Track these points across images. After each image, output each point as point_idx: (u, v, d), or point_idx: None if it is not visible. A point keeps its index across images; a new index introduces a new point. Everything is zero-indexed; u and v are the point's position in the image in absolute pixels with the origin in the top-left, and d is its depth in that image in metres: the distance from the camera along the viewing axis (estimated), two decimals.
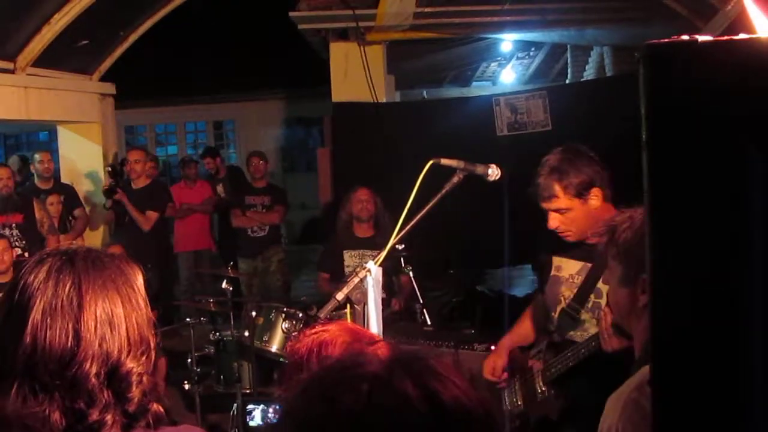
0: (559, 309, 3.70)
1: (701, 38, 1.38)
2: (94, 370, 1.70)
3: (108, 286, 1.78)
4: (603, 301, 3.36)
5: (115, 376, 1.72)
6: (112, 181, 8.68)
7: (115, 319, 1.76)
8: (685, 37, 1.38)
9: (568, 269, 3.68)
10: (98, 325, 1.73)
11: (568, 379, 3.59)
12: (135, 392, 1.74)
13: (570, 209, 3.47)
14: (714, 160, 1.36)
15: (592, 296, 3.41)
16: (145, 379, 1.77)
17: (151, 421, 1.76)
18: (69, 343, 1.70)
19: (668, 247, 1.41)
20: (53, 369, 1.68)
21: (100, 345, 1.72)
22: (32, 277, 1.74)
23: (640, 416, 1.88)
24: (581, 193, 3.44)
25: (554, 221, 3.52)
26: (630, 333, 2.45)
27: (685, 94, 1.36)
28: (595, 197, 3.45)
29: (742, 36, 1.37)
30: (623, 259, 2.39)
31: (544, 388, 3.73)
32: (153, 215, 8.59)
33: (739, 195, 1.35)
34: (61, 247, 1.85)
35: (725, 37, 1.37)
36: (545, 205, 3.52)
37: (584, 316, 3.32)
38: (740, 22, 1.52)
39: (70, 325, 1.71)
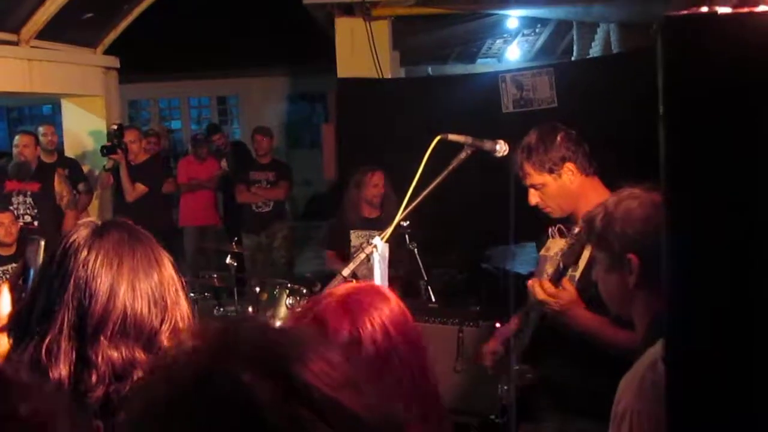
0: (552, 272, 3.70)
1: (721, 10, 1.35)
2: (168, 339, 1.78)
3: (166, 257, 1.90)
4: (577, 273, 3.38)
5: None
6: (114, 141, 8.57)
7: (179, 287, 1.89)
8: (704, 9, 1.36)
9: (555, 247, 3.69)
10: (173, 292, 1.86)
11: (537, 354, 3.62)
12: None
13: (544, 185, 3.52)
14: (732, 131, 1.34)
15: (569, 270, 3.42)
16: None
17: None
18: (156, 310, 1.81)
19: (685, 220, 1.40)
20: (138, 335, 1.78)
21: (175, 313, 1.84)
22: (99, 246, 1.81)
23: (656, 396, 1.87)
24: (552, 168, 3.48)
25: (533, 197, 3.59)
26: (629, 319, 2.44)
27: (704, 66, 1.33)
28: (569, 171, 3.48)
29: (762, 8, 1.35)
30: (605, 246, 2.41)
31: (517, 366, 3.73)
32: (141, 188, 8.57)
33: (756, 166, 1.33)
34: (113, 220, 1.96)
35: (745, 9, 1.35)
36: (524, 183, 3.58)
37: (567, 285, 3.32)
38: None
39: (157, 292, 1.81)
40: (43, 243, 2.03)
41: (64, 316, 1.75)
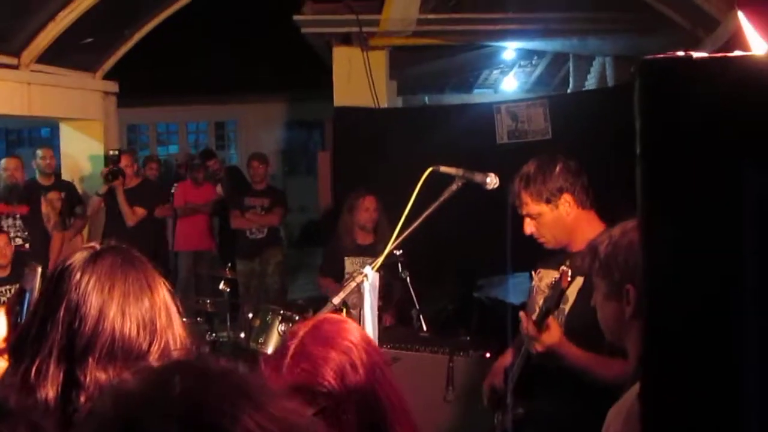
0: (537, 314, 3.73)
1: (696, 54, 1.40)
2: (156, 358, 1.82)
3: (160, 282, 1.95)
4: (567, 307, 3.42)
5: None
6: (115, 166, 8.56)
7: (172, 313, 1.93)
8: (681, 53, 1.41)
9: (547, 279, 3.72)
10: (165, 316, 1.90)
11: (527, 388, 3.63)
12: None
13: (540, 214, 3.54)
14: (708, 174, 1.38)
15: (561, 304, 3.45)
16: None
17: None
18: (145, 333, 1.85)
19: (661, 260, 1.44)
20: (126, 357, 1.82)
21: (165, 336, 1.88)
22: (92, 270, 1.86)
23: None
24: (549, 198, 3.50)
25: (528, 227, 3.61)
26: (623, 348, 2.47)
27: (680, 109, 1.38)
28: (566, 203, 3.50)
29: (736, 53, 1.40)
30: (606, 274, 2.44)
31: (510, 400, 3.75)
32: (140, 211, 8.58)
33: (733, 209, 1.37)
34: (110, 244, 1.99)
35: (720, 54, 1.40)
36: (520, 212, 3.61)
37: (553, 324, 3.34)
38: (740, 36, 1.54)
39: (147, 316, 1.86)
40: (40, 269, 2.08)
41: (55, 337, 1.79)
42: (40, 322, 1.83)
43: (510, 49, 12.07)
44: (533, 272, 3.83)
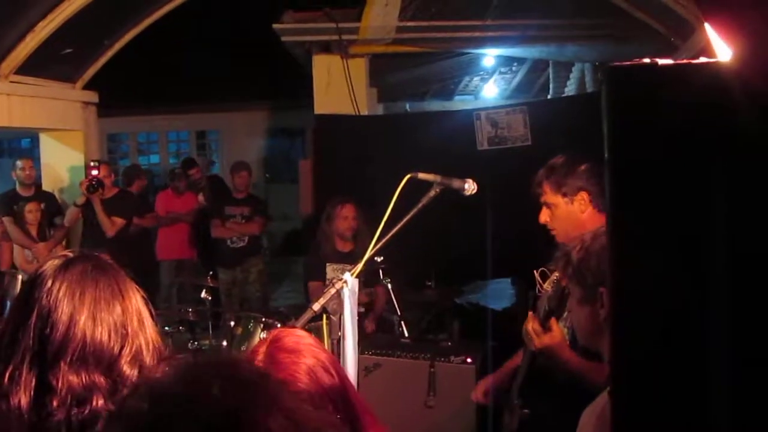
0: (541, 314, 3.76)
1: (661, 61, 1.43)
2: (129, 365, 1.84)
3: (132, 288, 1.98)
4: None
5: (142, 372, 1.87)
6: (95, 178, 8.45)
7: (144, 318, 1.97)
8: (647, 60, 1.44)
9: (549, 284, 3.74)
10: (136, 321, 1.93)
11: (531, 390, 3.66)
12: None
13: (555, 206, 3.60)
14: (672, 177, 1.41)
15: (567, 304, 3.47)
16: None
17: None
18: (116, 337, 1.88)
19: (628, 262, 1.47)
20: (98, 361, 1.85)
21: (137, 341, 1.91)
22: (63, 277, 1.89)
23: None
24: (566, 192, 3.56)
25: (543, 215, 3.66)
26: (598, 352, 2.50)
27: (646, 114, 1.41)
28: (582, 201, 3.55)
29: (700, 60, 1.43)
30: (579, 279, 2.46)
31: (516, 401, 3.78)
32: (118, 221, 8.53)
33: (700, 214, 1.40)
34: (82, 252, 2.02)
35: (684, 61, 1.43)
36: (539, 200, 3.66)
37: (555, 326, 3.37)
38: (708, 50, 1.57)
39: (118, 321, 1.89)
40: (20, 276, 2.11)
41: (27, 343, 1.82)
42: (12, 329, 1.86)
43: (490, 56, 12.14)
44: (535, 271, 3.85)
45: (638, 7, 7.64)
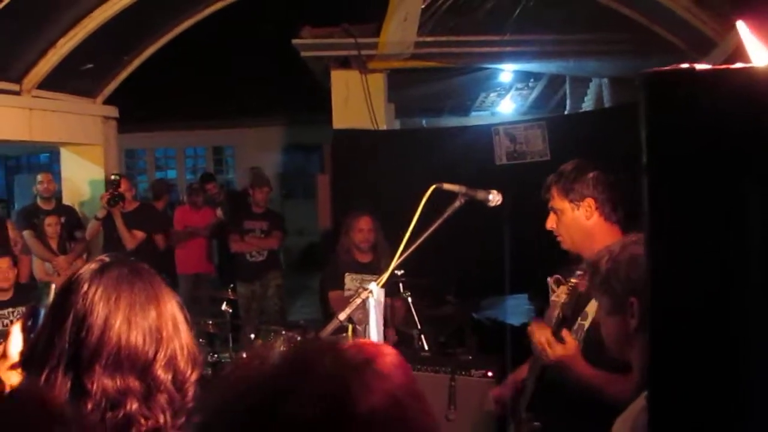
0: (553, 323, 3.74)
1: (699, 66, 1.44)
2: (164, 369, 1.86)
3: (168, 293, 1.98)
4: (587, 323, 3.42)
5: (176, 377, 1.88)
6: (116, 191, 8.52)
7: (180, 323, 1.96)
8: (685, 65, 1.44)
9: (564, 294, 3.72)
10: (171, 326, 1.92)
11: (541, 404, 3.64)
12: (190, 395, 1.90)
13: (562, 211, 3.56)
14: (711, 186, 1.40)
15: (579, 319, 3.46)
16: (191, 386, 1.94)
17: (189, 425, 1.90)
18: (151, 341, 1.88)
19: (666, 270, 1.46)
20: (132, 365, 1.85)
21: (171, 345, 1.90)
22: (99, 281, 1.90)
23: None
24: (573, 198, 3.53)
25: (550, 221, 3.63)
26: (627, 361, 2.48)
27: (684, 121, 1.41)
28: (587, 208, 3.51)
29: (739, 65, 1.43)
30: (607, 289, 2.45)
31: (524, 414, 3.76)
32: (139, 234, 8.58)
33: (737, 221, 1.39)
34: (116, 256, 2.03)
35: (723, 66, 1.43)
36: (548, 205, 3.64)
37: (568, 337, 3.35)
38: (738, 55, 1.56)
39: (153, 325, 1.89)
40: (53, 285, 2.12)
41: (63, 347, 1.83)
42: (48, 333, 1.87)
43: (507, 71, 12.15)
44: (550, 278, 3.83)
45: (657, 22, 7.64)
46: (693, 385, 1.46)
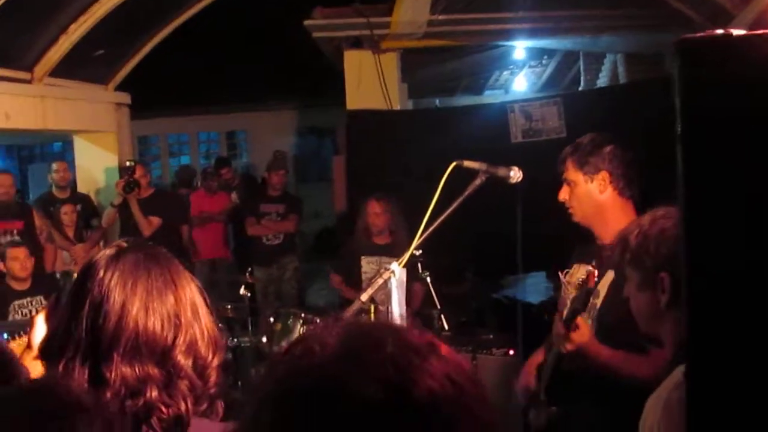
0: (565, 314, 3.72)
1: (735, 32, 1.39)
2: (184, 355, 1.84)
3: (186, 277, 1.95)
4: (599, 302, 3.41)
5: (197, 363, 1.86)
6: (131, 178, 8.50)
7: (199, 307, 1.93)
8: (720, 31, 1.40)
9: (577, 274, 3.70)
10: (190, 310, 1.90)
11: (560, 387, 3.62)
12: (212, 380, 1.89)
13: (575, 183, 3.56)
14: (747, 152, 1.37)
15: (591, 298, 3.43)
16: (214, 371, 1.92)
17: (211, 411, 1.87)
18: (169, 327, 1.85)
19: (702, 239, 1.42)
20: (151, 352, 1.83)
21: (191, 330, 1.88)
22: (115, 267, 1.87)
23: (682, 413, 1.89)
24: (587, 170, 3.52)
25: (563, 192, 3.62)
26: (657, 338, 2.45)
27: (720, 87, 1.37)
28: (601, 182, 3.50)
29: None
30: (638, 264, 2.41)
31: (543, 398, 3.74)
32: (155, 220, 8.56)
33: None
34: (133, 241, 2.01)
35: (759, 31, 1.39)
36: (562, 177, 3.64)
37: (582, 324, 3.33)
38: (760, 26, 1.52)
39: (171, 311, 1.86)
40: (75, 275, 2.09)
41: (80, 334, 1.81)
42: (66, 321, 1.84)
43: (520, 48, 12.07)
44: (560, 272, 3.82)
45: None
46: (733, 357, 1.43)
